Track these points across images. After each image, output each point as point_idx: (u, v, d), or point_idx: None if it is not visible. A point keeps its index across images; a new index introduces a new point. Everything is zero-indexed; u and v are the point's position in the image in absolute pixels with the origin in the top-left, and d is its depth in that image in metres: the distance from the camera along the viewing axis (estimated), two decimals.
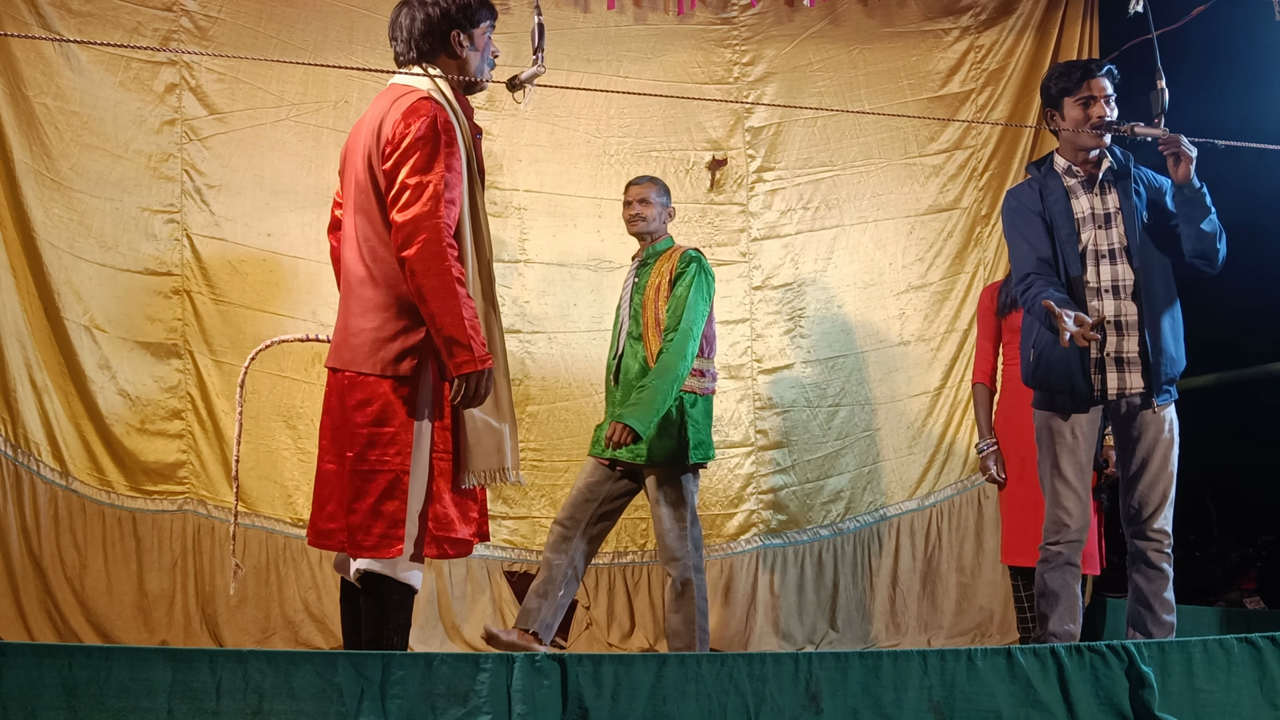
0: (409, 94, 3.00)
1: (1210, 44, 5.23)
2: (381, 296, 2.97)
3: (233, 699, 2.66)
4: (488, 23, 3.15)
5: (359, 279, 3.01)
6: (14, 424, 4.76)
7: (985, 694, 3.01)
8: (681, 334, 4.21)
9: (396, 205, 2.91)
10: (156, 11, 5.00)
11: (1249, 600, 5.56)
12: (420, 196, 2.88)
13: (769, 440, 5.41)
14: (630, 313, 4.38)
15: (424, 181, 2.89)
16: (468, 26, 3.10)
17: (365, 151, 3.00)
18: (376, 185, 2.98)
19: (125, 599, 4.81)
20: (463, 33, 3.09)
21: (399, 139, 2.92)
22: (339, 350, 3.02)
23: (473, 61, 3.12)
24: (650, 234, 4.47)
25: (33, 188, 4.80)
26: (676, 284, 4.29)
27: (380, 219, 2.98)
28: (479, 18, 3.12)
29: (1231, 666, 3.20)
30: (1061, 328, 3.45)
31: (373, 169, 2.99)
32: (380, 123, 2.98)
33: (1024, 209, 3.85)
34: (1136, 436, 3.80)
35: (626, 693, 2.82)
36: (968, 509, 5.45)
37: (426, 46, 3.08)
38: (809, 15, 5.53)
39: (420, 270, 2.86)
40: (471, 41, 3.11)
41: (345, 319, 3.03)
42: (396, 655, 2.74)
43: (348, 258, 3.06)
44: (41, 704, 2.59)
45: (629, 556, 5.31)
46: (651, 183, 4.51)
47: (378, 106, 3.05)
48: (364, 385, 2.95)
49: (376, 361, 2.95)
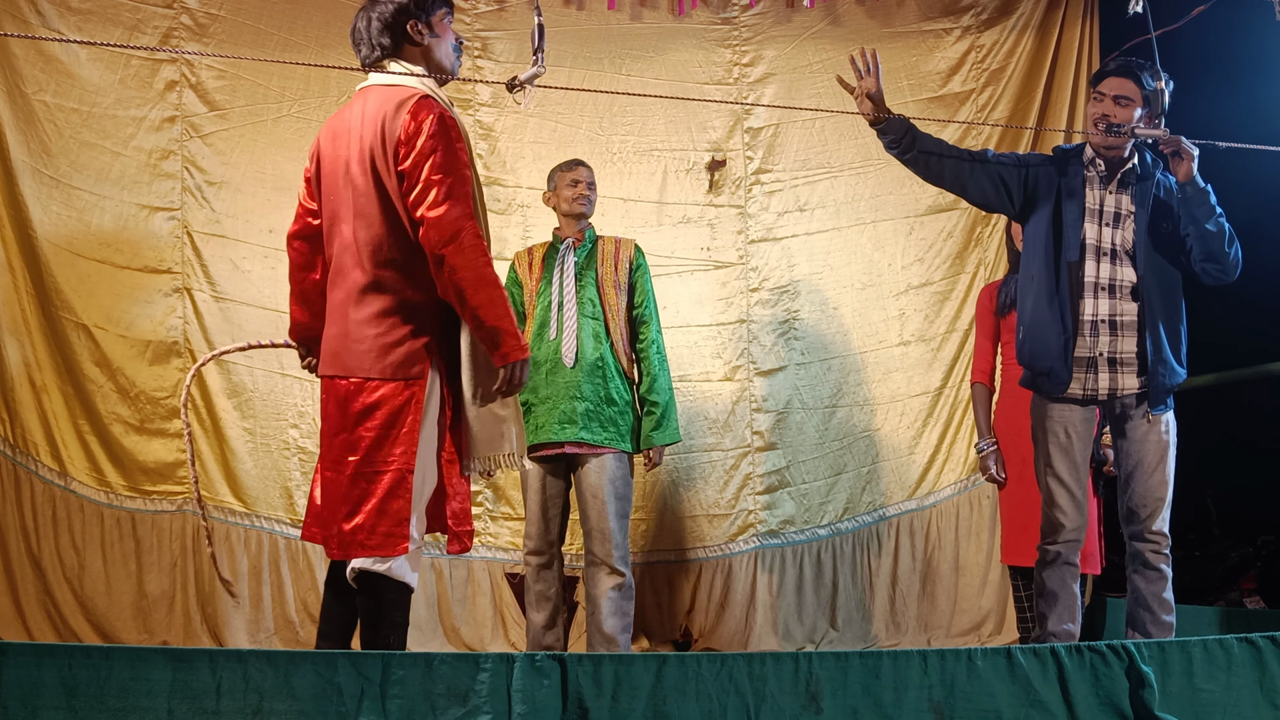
0: (405, 92, 3.00)
1: (1210, 44, 5.23)
2: (384, 302, 2.99)
3: (233, 699, 2.66)
4: (444, 9, 3.16)
5: (358, 285, 3.01)
6: (13, 424, 4.75)
7: (985, 694, 3.01)
8: (659, 332, 4.48)
9: (425, 203, 2.91)
10: (156, 8, 4.99)
11: (1249, 600, 5.57)
12: (452, 193, 2.90)
13: (765, 442, 5.41)
14: (578, 294, 4.38)
15: (451, 178, 2.91)
16: (424, 16, 3.11)
17: (364, 155, 2.99)
18: (381, 188, 2.98)
19: (125, 599, 4.80)
20: (420, 22, 3.10)
21: (412, 137, 2.92)
22: (339, 357, 3.03)
23: (435, 48, 3.13)
24: (588, 216, 4.51)
25: (31, 185, 4.79)
26: (635, 274, 4.45)
27: (383, 222, 2.98)
28: (433, 6, 3.13)
29: (1231, 666, 3.20)
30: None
31: (376, 172, 2.98)
32: (381, 124, 2.97)
33: (1033, 158, 3.92)
34: (1133, 438, 3.80)
35: (626, 692, 2.82)
36: (967, 509, 5.45)
37: (388, 41, 3.08)
38: (809, 16, 5.52)
39: (461, 265, 2.89)
40: (431, 29, 3.12)
41: (343, 326, 3.03)
42: (396, 655, 2.74)
43: (345, 265, 3.04)
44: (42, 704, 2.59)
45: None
46: (590, 169, 4.57)
47: (367, 110, 3.03)
48: (369, 390, 2.97)
49: (385, 366, 2.96)
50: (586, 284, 4.38)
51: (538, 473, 4.37)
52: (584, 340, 4.32)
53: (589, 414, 4.25)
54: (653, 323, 4.46)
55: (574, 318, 4.34)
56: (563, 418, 4.25)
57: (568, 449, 4.29)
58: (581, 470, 4.31)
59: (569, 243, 4.47)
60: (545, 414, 4.29)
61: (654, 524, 5.34)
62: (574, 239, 4.47)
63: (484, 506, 5.23)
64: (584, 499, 4.31)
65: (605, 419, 4.28)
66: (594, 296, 4.36)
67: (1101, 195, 3.81)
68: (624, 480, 4.34)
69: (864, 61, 3.74)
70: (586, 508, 4.31)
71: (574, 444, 4.28)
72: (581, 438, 4.25)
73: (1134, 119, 3.75)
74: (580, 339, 4.32)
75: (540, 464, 4.37)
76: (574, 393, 4.25)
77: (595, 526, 4.28)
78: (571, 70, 5.32)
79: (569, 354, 4.30)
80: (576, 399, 4.26)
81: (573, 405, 4.25)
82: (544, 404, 4.30)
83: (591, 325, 4.33)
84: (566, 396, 4.26)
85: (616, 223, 5.23)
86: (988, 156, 3.89)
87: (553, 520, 4.39)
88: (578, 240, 4.47)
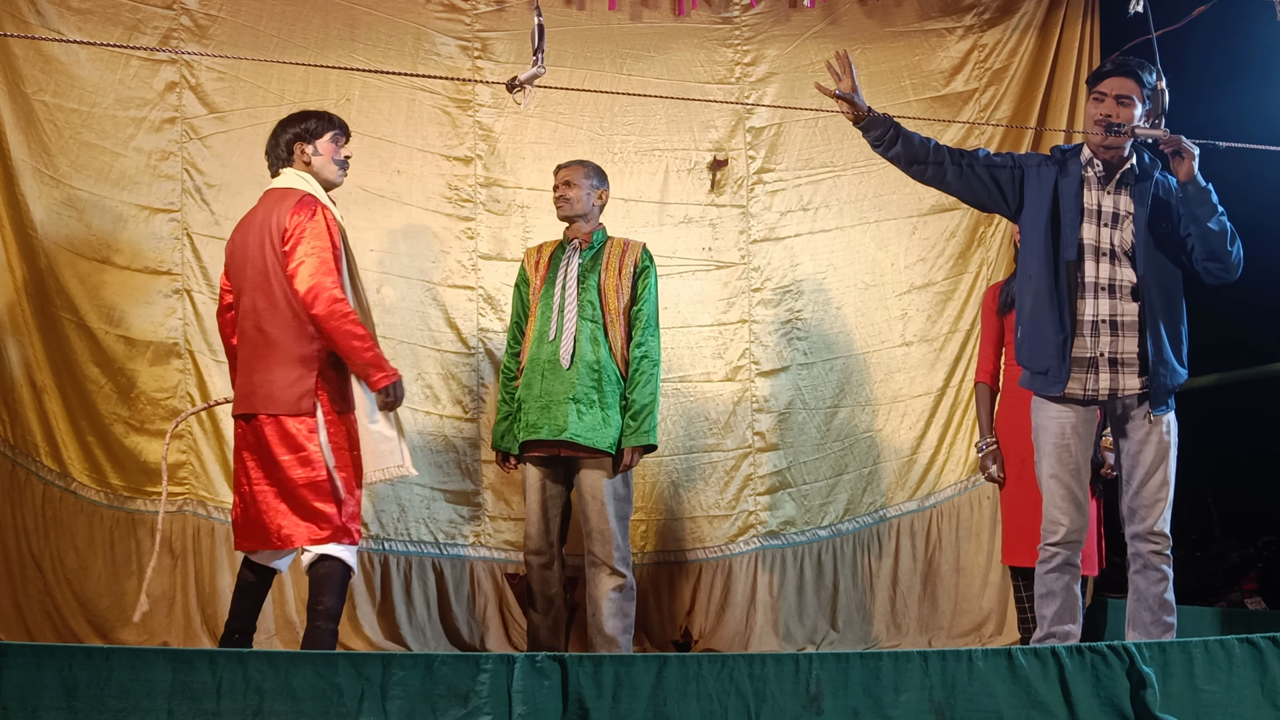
0: (291, 194, 3.92)
1: (1210, 44, 5.23)
2: (278, 354, 3.85)
3: (233, 699, 2.66)
4: (330, 134, 4.03)
5: (261, 344, 3.88)
6: (13, 424, 4.75)
7: (986, 694, 3.01)
8: (656, 336, 4.44)
9: (297, 276, 3.82)
10: (156, 9, 4.99)
11: (1250, 600, 5.56)
12: (317, 270, 3.80)
13: (766, 442, 5.40)
14: (579, 296, 4.37)
15: (316, 257, 3.81)
16: (311, 139, 4.01)
17: (262, 244, 3.89)
18: (273, 268, 3.86)
19: (125, 599, 4.79)
20: (307, 144, 4.01)
21: (293, 229, 3.84)
22: (249, 400, 3.88)
23: (316, 165, 4.02)
24: (579, 217, 4.49)
25: (32, 185, 4.79)
26: (640, 278, 4.42)
27: (276, 294, 3.86)
28: (320, 132, 4.03)
29: (1232, 667, 3.20)
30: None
31: (270, 253, 3.87)
32: (272, 220, 3.89)
33: (1030, 158, 3.92)
34: (1134, 439, 3.80)
35: (627, 693, 2.82)
36: (968, 510, 5.44)
37: (284, 156, 4.03)
38: (810, 15, 5.52)
39: (329, 322, 3.79)
40: (317, 150, 4.02)
41: (250, 376, 3.90)
42: (397, 656, 2.75)
43: (248, 329, 3.93)
44: (42, 704, 2.59)
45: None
46: (580, 165, 4.56)
47: (264, 209, 3.96)
48: (279, 424, 3.82)
49: (285, 404, 3.82)
50: (588, 286, 4.38)
51: (537, 474, 4.37)
52: (581, 342, 4.32)
53: (584, 415, 4.25)
54: (648, 328, 4.43)
55: (574, 320, 4.34)
56: (557, 418, 4.25)
57: (564, 452, 4.29)
58: (580, 472, 4.32)
59: (575, 244, 4.47)
60: (539, 413, 4.30)
61: (655, 525, 5.34)
62: (580, 240, 4.48)
63: (483, 507, 5.23)
64: (583, 500, 4.32)
65: (601, 421, 4.28)
66: (594, 299, 4.37)
67: (1100, 196, 3.80)
68: (623, 481, 4.34)
69: (839, 64, 3.77)
70: (586, 509, 4.31)
71: (570, 446, 4.27)
72: (576, 438, 4.24)
73: (1135, 118, 3.74)
74: (578, 341, 4.32)
75: (539, 465, 4.37)
76: (570, 394, 4.26)
77: (595, 527, 4.28)
78: (572, 70, 5.32)
79: (566, 355, 4.31)
80: (571, 400, 4.26)
81: (567, 406, 4.26)
82: (538, 403, 4.31)
83: (590, 328, 4.34)
84: (563, 397, 4.26)
85: (618, 223, 5.23)
86: (979, 156, 3.88)
87: (553, 521, 4.39)
88: (584, 242, 4.47)
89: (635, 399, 4.35)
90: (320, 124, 4.06)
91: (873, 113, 3.79)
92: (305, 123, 4.05)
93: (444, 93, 5.31)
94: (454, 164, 5.30)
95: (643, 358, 4.39)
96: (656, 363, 4.43)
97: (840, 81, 3.78)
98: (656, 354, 4.45)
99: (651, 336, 4.44)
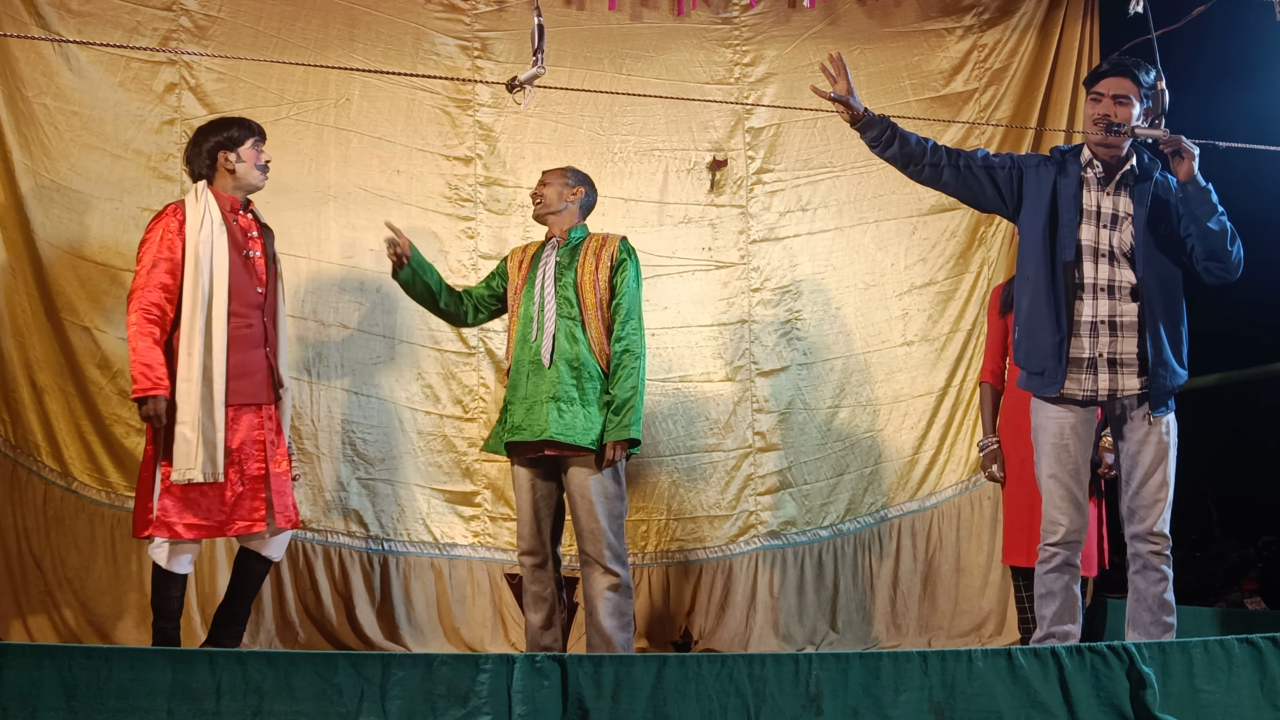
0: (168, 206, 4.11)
1: (1210, 44, 5.23)
2: None
3: (233, 699, 2.66)
4: (251, 140, 4.14)
5: None
6: (13, 424, 4.75)
7: (986, 694, 3.01)
8: (637, 327, 4.38)
9: None
10: (156, 10, 4.99)
11: (1250, 601, 5.56)
12: (135, 278, 4.03)
13: (766, 442, 5.40)
14: (557, 293, 4.37)
15: (140, 267, 4.03)
16: (234, 147, 4.12)
17: None
18: None
19: (125, 599, 4.80)
20: (230, 152, 4.11)
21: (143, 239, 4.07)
22: None
23: (240, 171, 4.13)
24: (550, 214, 4.48)
25: (32, 188, 4.79)
26: (618, 272, 4.38)
27: None
28: (242, 139, 4.13)
29: (1232, 667, 3.20)
30: None
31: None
32: None
33: (1029, 159, 3.92)
34: (1134, 439, 3.80)
35: (627, 693, 2.82)
36: (969, 510, 5.44)
37: (202, 168, 4.13)
38: (809, 16, 5.52)
39: (128, 328, 3.99)
40: (240, 157, 4.12)
41: None
42: (396, 656, 2.75)
43: None
44: (41, 704, 2.60)
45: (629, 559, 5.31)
46: (558, 169, 4.56)
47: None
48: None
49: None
50: (565, 283, 4.37)
51: (526, 474, 4.36)
52: (560, 340, 4.31)
53: (564, 413, 4.24)
54: (629, 321, 4.35)
55: (553, 318, 4.34)
56: (539, 418, 4.25)
57: (549, 451, 4.28)
58: (569, 471, 4.31)
59: (554, 242, 4.48)
60: (524, 415, 4.29)
61: (655, 525, 5.34)
62: (558, 239, 4.48)
63: (483, 507, 5.23)
64: (572, 499, 4.32)
65: (582, 418, 4.27)
66: (571, 296, 4.35)
67: (1099, 197, 3.80)
68: (613, 479, 4.32)
69: (834, 66, 3.77)
70: (575, 508, 4.31)
71: (554, 445, 4.27)
72: (558, 437, 4.23)
73: (1133, 117, 3.74)
74: (556, 339, 4.31)
75: (527, 466, 4.36)
76: (552, 393, 4.25)
77: (585, 526, 4.28)
78: (572, 70, 5.32)
79: (546, 354, 4.30)
80: (552, 400, 4.25)
81: (548, 406, 4.25)
82: (522, 403, 4.31)
83: (567, 325, 4.32)
84: (545, 397, 4.26)
85: (618, 223, 5.23)
86: (977, 156, 3.88)
87: (544, 521, 4.37)
88: (561, 240, 4.47)
89: (616, 393, 4.30)
90: (242, 131, 4.15)
91: (869, 114, 3.80)
92: (227, 131, 4.13)
93: (444, 93, 5.31)
94: (454, 164, 5.31)
95: (624, 351, 4.32)
96: (639, 356, 4.33)
97: (835, 84, 3.79)
98: (638, 347, 4.35)
99: (633, 330, 4.36)
